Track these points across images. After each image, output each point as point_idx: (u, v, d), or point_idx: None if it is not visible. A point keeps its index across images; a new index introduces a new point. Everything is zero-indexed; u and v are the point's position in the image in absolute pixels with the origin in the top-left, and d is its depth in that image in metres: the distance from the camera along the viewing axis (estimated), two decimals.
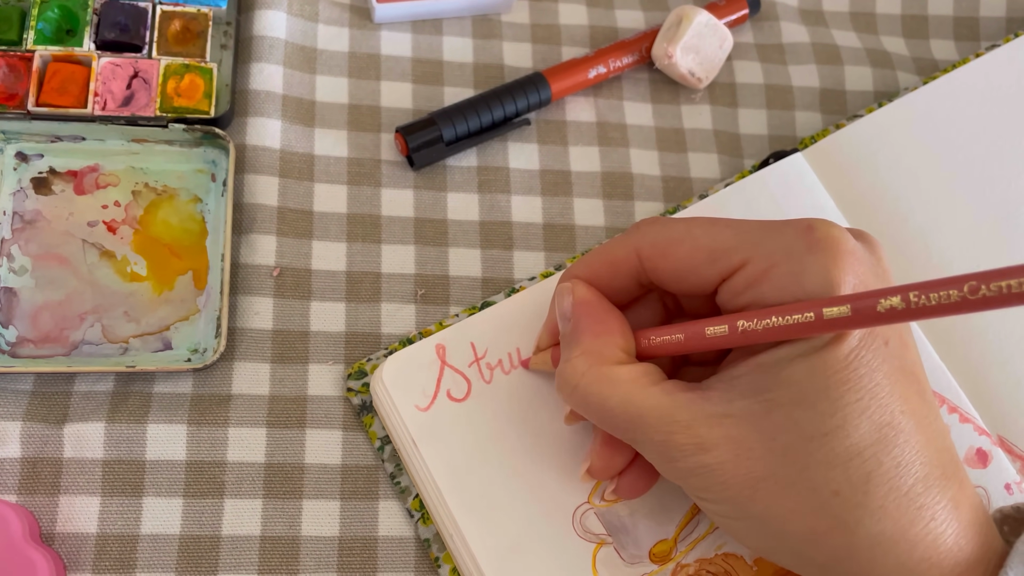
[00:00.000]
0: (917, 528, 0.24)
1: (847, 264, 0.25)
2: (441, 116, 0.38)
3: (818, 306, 0.24)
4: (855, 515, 0.24)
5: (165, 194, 0.36)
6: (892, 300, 0.22)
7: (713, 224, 0.28)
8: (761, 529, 0.26)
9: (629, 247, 0.29)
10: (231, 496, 0.33)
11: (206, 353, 0.34)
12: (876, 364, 0.25)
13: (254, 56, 0.39)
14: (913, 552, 0.24)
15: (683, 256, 0.28)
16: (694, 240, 0.27)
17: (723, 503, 0.26)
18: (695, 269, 0.27)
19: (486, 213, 0.39)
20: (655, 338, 0.28)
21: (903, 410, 0.25)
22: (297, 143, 0.38)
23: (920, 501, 0.24)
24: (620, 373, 0.27)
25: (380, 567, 0.33)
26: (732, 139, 0.42)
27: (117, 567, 0.31)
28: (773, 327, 0.25)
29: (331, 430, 0.34)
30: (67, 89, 0.36)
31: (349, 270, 0.37)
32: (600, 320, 0.29)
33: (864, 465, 0.24)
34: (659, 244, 0.28)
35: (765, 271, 0.26)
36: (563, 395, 0.29)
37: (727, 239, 0.27)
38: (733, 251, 0.26)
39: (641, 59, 0.42)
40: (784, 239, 0.26)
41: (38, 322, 0.34)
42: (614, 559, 0.32)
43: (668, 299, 0.31)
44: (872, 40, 0.46)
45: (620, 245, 0.29)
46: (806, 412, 0.24)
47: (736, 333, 0.26)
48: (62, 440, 0.32)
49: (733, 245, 0.26)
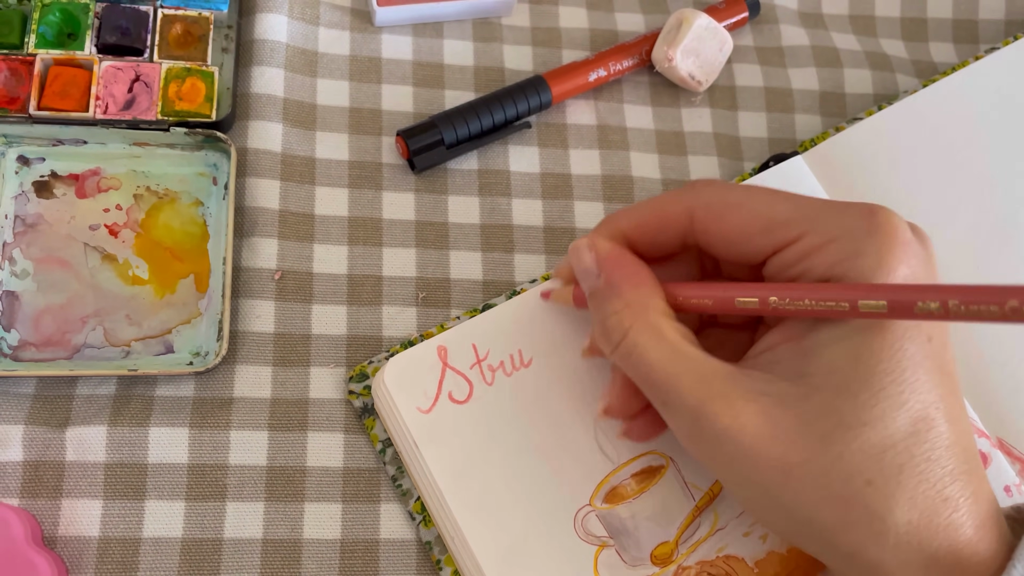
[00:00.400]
0: (941, 518, 0.25)
1: (903, 253, 0.25)
2: (442, 119, 0.38)
3: (854, 296, 0.24)
4: (886, 505, 0.24)
5: (167, 197, 0.37)
6: (931, 304, 0.22)
7: (773, 194, 0.27)
8: (789, 515, 0.26)
9: (683, 205, 0.28)
10: (233, 499, 0.33)
11: (208, 356, 0.34)
12: (919, 359, 0.25)
13: (255, 59, 0.39)
14: (934, 541, 0.25)
15: (738, 223, 0.27)
16: (752, 207, 0.27)
17: (752, 486, 0.26)
18: (749, 237, 0.27)
19: (487, 216, 0.39)
20: (685, 297, 0.28)
21: (938, 406, 0.25)
22: (298, 146, 0.38)
23: (946, 493, 0.25)
24: (666, 328, 0.27)
25: (382, 570, 0.33)
26: (732, 142, 0.42)
27: (119, 570, 0.31)
28: (805, 308, 0.25)
29: (333, 433, 0.34)
30: (69, 93, 0.36)
31: (350, 273, 0.37)
32: (634, 271, 0.28)
33: (898, 457, 0.24)
34: (715, 207, 0.28)
35: (820, 246, 0.25)
36: (606, 347, 0.28)
37: (786, 211, 0.27)
38: (791, 223, 0.26)
39: (641, 62, 0.42)
40: (844, 219, 0.26)
41: (40, 326, 0.34)
42: (616, 561, 0.32)
43: (707, 260, 0.31)
44: (871, 43, 0.46)
45: (674, 201, 0.29)
46: (847, 401, 0.24)
47: (767, 307, 0.26)
48: (64, 443, 0.32)
49: (791, 217, 0.26)
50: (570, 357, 0.34)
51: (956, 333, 0.37)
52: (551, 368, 0.34)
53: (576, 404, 0.33)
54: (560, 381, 0.34)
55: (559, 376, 0.34)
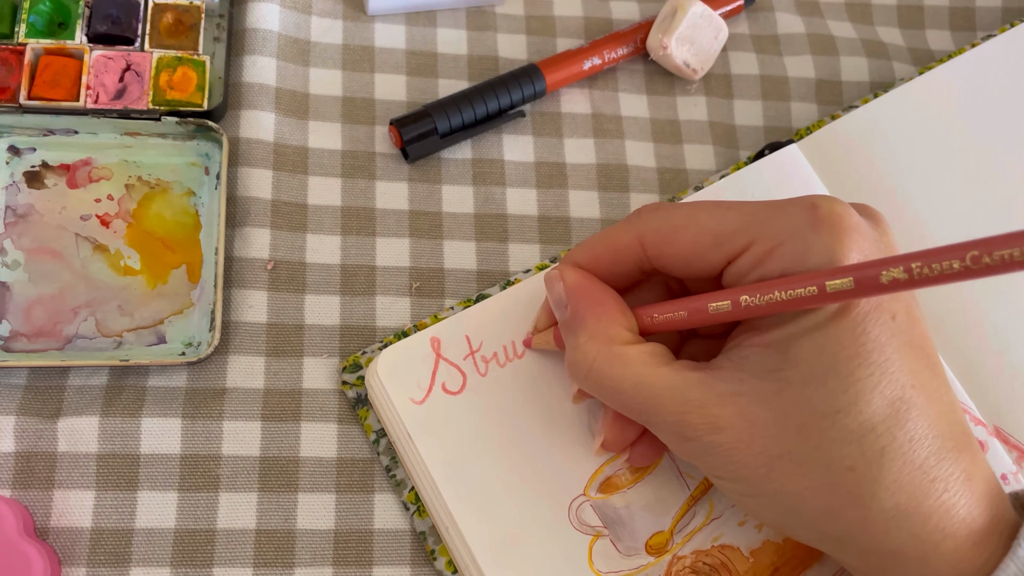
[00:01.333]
0: (931, 500, 0.25)
1: (851, 241, 0.25)
2: (435, 108, 0.38)
3: (821, 278, 0.24)
4: (870, 490, 0.24)
5: (158, 187, 0.36)
6: (895, 271, 0.22)
7: (716, 207, 0.28)
8: (776, 505, 0.26)
9: (631, 234, 0.29)
10: (226, 490, 0.33)
11: (200, 347, 0.34)
12: (885, 339, 0.25)
13: (247, 49, 0.38)
14: (927, 523, 0.25)
15: (687, 242, 0.28)
16: (698, 225, 0.27)
17: (738, 481, 0.26)
18: (700, 254, 0.27)
19: (481, 205, 0.39)
20: (658, 316, 0.28)
21: (914, 384, 0.25)
22: (291, 136, 0.38)
23: (933, 473, 0.25)
24: (630, 354, 0.27)
25: (376, 560, 0.33)
26: (727, 130, 0.42)
27: (112, 561, 0.31)
28: (776, 301, 0.25)
29: (326, 423, 0.34)
30: (59, 82, 0.36)
31: (343, 263, 0.36)
32: (599, 302, 0.29)
33: (878, 440, 0.24)
34: (663, 231, 0.28)
35: (770, 251, 0.26)
36: (576, 380, 0.29)
37: (731, 221, 0.27)
38: (738, 233, 0.26)
39: (636, 50, 0.42)
40: (788, 218, 0.26)
41: (31, 316, 0.34)
42: (610, 551, 0.32)
43: (672, 281, 0.31)
44: (868, 30, 0.46)
45: (622, 232, 0.29)
46: (817, 390, 0.25)
47: (739, 308, 0.26)
48: (56, 434, 0.32)
49: (737, 227, 0.26)
50: None
51: (952, 320, 0.37)
52: (545, 359, 0.34)
53: (569, 395, 0.33)
54: (554, 372, 0.33)
55: (553, 367, 0.34)
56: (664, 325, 0.28)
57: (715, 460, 0.26)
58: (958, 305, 0.37)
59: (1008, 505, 0.26)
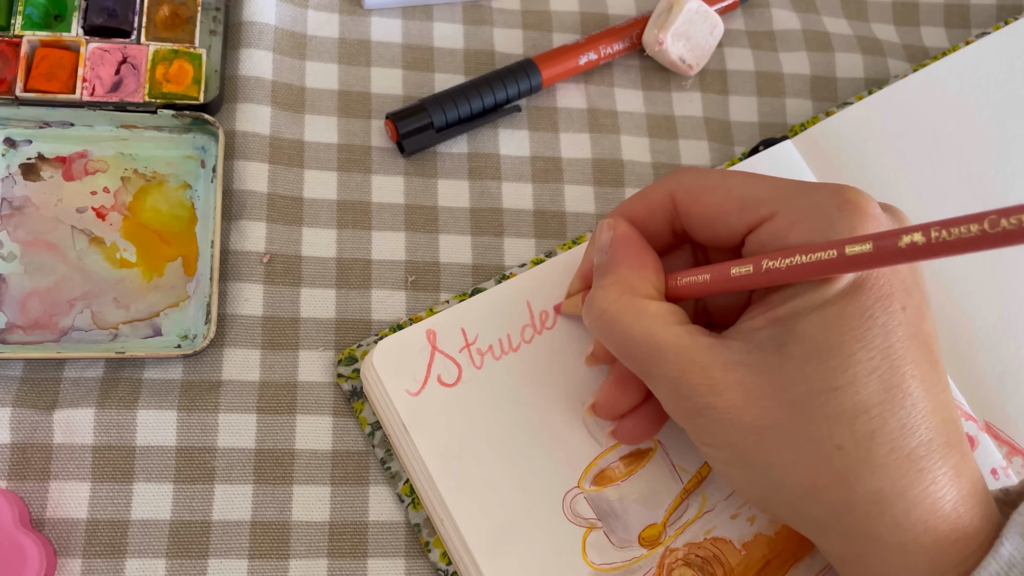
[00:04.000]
0: (916, 490, 0.25)
1: (872, 226, 0.25)
2: (431, 102, 0.38)
3: (841, 244, 0.24)
4: (856, 471, 0.25)
5: (154, 180, 0.36)
6: (914, 236, 0.22)
7: (748, 176, 0.29)
8: (761, 478, 0.26)
9: (664, 191, 0.30)
10: (221, 482, 0.33)
11: (196, 339, 0.34)
12: (891, 327, 0.25)
13: (243, 42, 0.38)
14: (910, 513, 0.25)
15: (715, 203, 0.28)
16: (727, 189, 0.28)
17: (725, 448, 0.27)
18: (725, 217, 0.28)
19: (476, 200, 0.39)
20: (682, 279, 0.29)
21: (913, 375, 0.25)
22: (287, 129, 0.38)
23: (921, 464, 0.25)
24: (648, 306, 0.28)
25: (370, 552, 0.33)
26: (722, 126, 0.42)
27: (107, 552, 0.31)
28: (796, 265, 0.25)
29: (321, 416, 0.34)
30: (55, 75, 0.36)
31: (339, 257, 0.37)
32: (637, 255, 0.30)
33: (870, 423, 0.25)
34: (693, 190, 0.29)
35: (793, 223, 0.26)
36: (589, 320, 0.30)
37: (760, 191, 0.28)
38: (764, 202, 0.27)
39: (632, 46, 0.42)
40: (815, 196, 0.26)
41: (27, 308, 0.34)
42: (604, 543, 0.32)
43: (700, 253, 0.32)
44: (863, 27, 0.46)
45: (657, 189, 0.30)
46: (818, 367, 0.25)
47: (760, 272, 0.26)
48: (52, 426, 0.32)
49: (765, 197, 0.27)
50: (559, 342, 0.34)
51: (944, 316, 0.37)
52: (540, 352, 0.34)
53: (564, 387, 0.33)
54: (548, 365, 0.34)
55: (548, 360, 0.34)
56: (687, 289, 0.29)
57: (706, 423, 0.27)
58: (949, 301, 0.38)
59: (994, 508, 0.27)
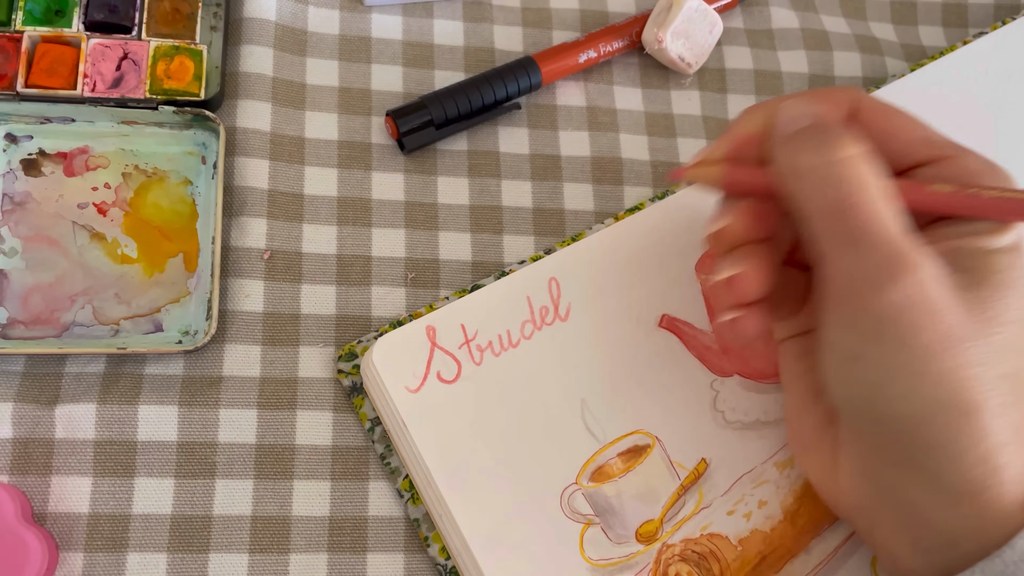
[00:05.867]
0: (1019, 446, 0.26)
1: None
2: (431, 100, 0.38)
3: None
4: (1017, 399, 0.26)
5: (155, 176, 0.36)
6: None
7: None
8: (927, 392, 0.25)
9: (849, 94, 0.30)
10: (222, 477, 0.33)
11: (197, 335, 0.34)
12: None
13: (244, 38, 0.39)
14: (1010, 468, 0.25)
15: (905, 125, 0.30)
16: (915, 120, 0.30)
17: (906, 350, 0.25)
18: (910, 140, 0.29)
19: (476, 197, 0.39)
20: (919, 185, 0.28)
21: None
22: (287, 126, 0.38)
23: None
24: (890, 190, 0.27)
25: (370, 547, 0.33)
26: (721, 125, 0.42)
27: (109, 547, 0.32)
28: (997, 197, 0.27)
29: (321, 411, 0.34)
30: (56, 70, 0.36)
31: (339, 253, 0.37)
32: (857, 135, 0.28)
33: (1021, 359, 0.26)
34: (881, 107, 0.30)
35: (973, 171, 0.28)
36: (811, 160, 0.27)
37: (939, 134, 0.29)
38: (946, 145, 0.29)
39: (631, 44, 0.42)
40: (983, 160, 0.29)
41: (29, 304, 0.34)
42: (601, 539, 0.32)
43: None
44: (861, 26, 0.46)
45: (838, 90, 0.30)
46: (1003, 299, 0.26)
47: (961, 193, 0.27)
48: (53, 421, 0.32)
49: (945, 141, 0.29)
50: (559, 338, 0.34)
51: None
52: (540, 349, 0.34)
53: (564, 384, 0.34)
54: (548, 362, 0.34)
55: (547, 357, 0.34)
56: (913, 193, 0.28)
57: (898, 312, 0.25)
58: None
59: None
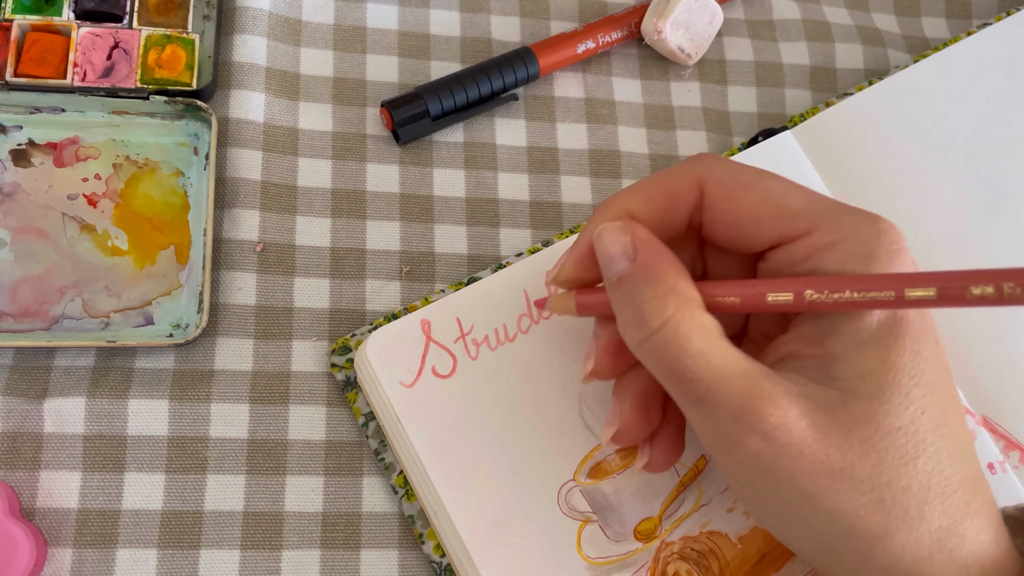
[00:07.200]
0: (965, 524, 0.24)
1: (908, 262, 0.25)
2: (427, 90, 0.38)
3: (900, 285, 0.23)
4: (920, 512, 0.24)
5: (146, 167, 0.36)
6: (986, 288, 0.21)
7: (784, 181, 0.26)
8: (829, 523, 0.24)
9: (691, 178, 0.27)
10: (214, 472, 0.32)
11: (188, 328, 0.34)
12: (932, 362, 0.24)
13: (237, 27, 0.38)
14: (962, 547, 0.24)
15: (750, 205, 0.26)
16: (765, 191, 0.26)
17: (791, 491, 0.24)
18: (758, 222, 0.26)
19: (472, 189, 0.38)
20: (708, 295, 0.26)
21: (951, 409, 0.25)
22: (281, 116, 0.38)
23: (967, 497, 0.24)
24: (706, 321, 0.25)
25: (364, 543, 0.33)
26: (721, 117, 0.42)
27: (98, 542, 0.31)
28: (845, 300, 0.24)
29: (315, 406, 0.34)
30: (46, 59, 0.35)
31: (333, 246, 0.36)
32: (673, 260, 0.26)
33: (927, 462, 0.24)
34: (727, 185, 0.26)
35: (830, 244, 0.25)
36: (637, 336, 0.25)
37: (798, 201, 0.26)
38: (802, 216, 0.25)
39: (630, 34, 0.42)
40: (853, 220, 0.25)
41: (17, 296, 0.34)
42: (599, 537, 0.32)
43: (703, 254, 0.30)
44: (863, 17, 0.46)
45: (682, 175, 0.27)
46: (882, 406, 0.24)
47: (802, 302, 0.24)
48: (42, 415, 0.32)
49: (804, 210, 0.25)
50: (556, 332, 0.34)
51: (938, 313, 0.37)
52: (536, 343, 0.33)
53: (561, 379, 0.33)
54: (545, 356, 0.33)
55: (544, 351, 0.33)
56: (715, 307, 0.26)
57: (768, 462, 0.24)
58: None
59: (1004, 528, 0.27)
